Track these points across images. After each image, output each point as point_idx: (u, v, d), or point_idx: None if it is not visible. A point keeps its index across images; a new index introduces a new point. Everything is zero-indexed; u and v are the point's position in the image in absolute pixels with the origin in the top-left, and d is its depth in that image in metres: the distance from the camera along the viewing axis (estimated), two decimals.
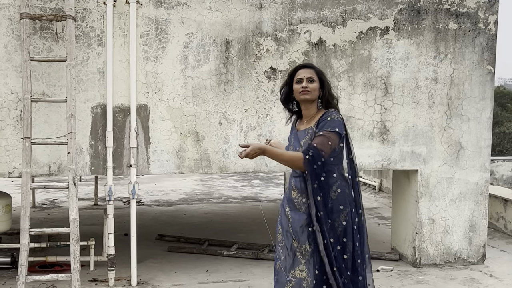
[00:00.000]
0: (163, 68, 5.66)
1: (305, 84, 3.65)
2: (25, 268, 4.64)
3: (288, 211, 3.71)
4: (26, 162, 4.93)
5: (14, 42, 5.33)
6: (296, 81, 3.70)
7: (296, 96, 3.73)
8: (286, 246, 3.69)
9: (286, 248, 3.69)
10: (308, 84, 3.66)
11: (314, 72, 3.72)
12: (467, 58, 6.35)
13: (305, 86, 3.65)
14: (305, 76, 3.68)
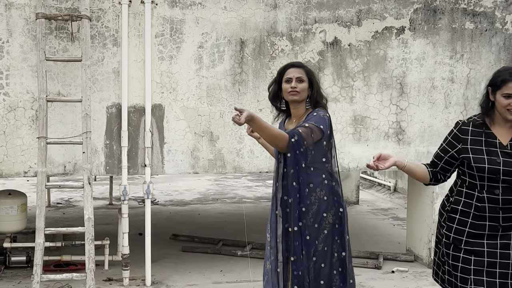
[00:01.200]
0: (177, 68, 5.66)
1: (294, 84, 3.61)
2: (40, 267, 4.66)
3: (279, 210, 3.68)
4: (42, 162, 4.95)
5: (30, 42, 5.35)
6: (285, 80, 3.65)
7: (284, 96, 3.68)
8: (271, 245, 3.67)
9: (274, 248, 3.67)
10: (297, 84, 3.62)
11: (304, 72, 3.68)
12: (484, 58, 6.29)
13: (294, 87, 3.61)
14: (294, 76, 3.63)
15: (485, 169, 3.29)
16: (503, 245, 3.33)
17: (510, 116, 3.31)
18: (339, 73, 6.00)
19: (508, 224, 3.32)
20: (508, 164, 3.28)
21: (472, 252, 3.35)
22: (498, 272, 3.33)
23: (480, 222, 3.33)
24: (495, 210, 3.31)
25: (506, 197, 3.29)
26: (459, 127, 3.44)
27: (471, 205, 3.35)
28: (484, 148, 3.34)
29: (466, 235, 3.38)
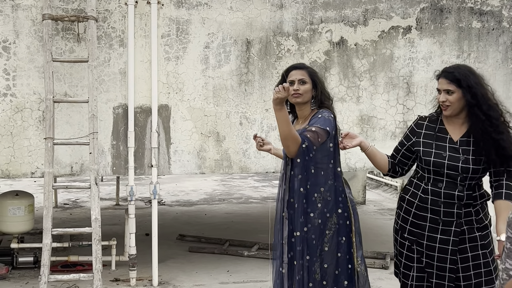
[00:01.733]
0: (184, 69, 5.66)
1: (296, 86, 3.59)
2: (47, 267, 4.67)
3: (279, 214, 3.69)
4: (49, 162, 4.96)
5: (37, 43, 5.36)
6: (288, 83, 3.58)
7: (289, 98, 3.64)
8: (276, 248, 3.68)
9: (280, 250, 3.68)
10: (299, 87, 3.60)
11: (306, 73, 3.66)
12: (491, 57, 6.27)
13: (296, 89, 3.59)
14: (296, 78, 3.62)
15: (431, 162, 3.42)
16: (443, 240, 3.41)
17: (444, 111, 3.43)
18: (346, 73, 5.99)
19: (449, 219, 3.39)
20: (453, 159, 3.38)
21: (414, 241, 3.50)
22: (435, 265, 3.44)
23: (422, 213, 3.45)
24: (437, 203, 3.41)
25: (448, 191, 3.38)
26: (416, 122, 3.61)
27: (417, 195, 3.49)
28: (434, 142, 3.46)
29: (410, 224, 3.51)
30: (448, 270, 3.42)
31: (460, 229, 3.40)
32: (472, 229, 3.43)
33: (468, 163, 3.38)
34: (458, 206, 3.39)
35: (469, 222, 3.42)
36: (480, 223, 3.46)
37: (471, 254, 3.43)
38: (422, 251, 3.48)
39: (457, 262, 3.42)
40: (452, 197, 3.39)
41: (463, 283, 3.43)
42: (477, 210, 3.45)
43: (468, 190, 3.40)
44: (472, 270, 3.43)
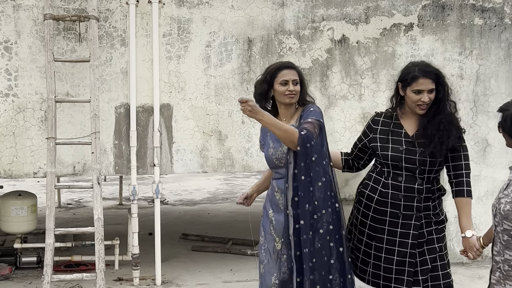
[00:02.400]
0: (185, 68, 5.66)
1: (292, 87, 3.55)
2: (50, 267, 4.67)
3: (272, 213, 3.68)
4: (51, 162, 4.96)
5: (38, 43, 5.37)
6: (280, 82, 3.55)
7: (279, 98, 3.59)
8: (268, 249, 3.67)
9: (269, 251, 3.66)
10: (294, 88, 3.56)
11: (297, 74, 3.62)
12: (493, 54, 6.25)
13: (292, 90, 3.54)
14: (291, 79, 3.56)
15: (389, 157, 3.46)
16: (403, 234, 3.44)
17: (420, 111, 3.45)
18: (348, 70, 5.97)
19: (409, 213, 3.43)
20: (410, 152, 3.43)
21: (373, 237, 3.52)
22: (395, 259, 3.45)
23: (382, 208, 3.47)
24: (397, 197, 3.43)
25: (408, 185, 3.42)
26: (373, 118, 3.68)
27: (376, 190, 3.51)
28: (390, 138, 3.52)
29: (370, 219, 3.53)
30: (408, 264, 3.43)
31: (420, 223, 3.44)
32: (430, 223, 3.47)
33: (425, 156, 3.42)
34: (418, 199, 3.43)
35: (427, 216, 3.46)
36: (437, 218, 3.51)
37: (427, 248, 3.46)
38: (382, 247, 3.49)
39: (416, 256, 3.44)
40: (412, 191, 3.42)
41: (421, 277, 3.44)
42: (434, 205, 3.50)
43: (427, 184, 3.45)
44: (430, 264, 3.45)
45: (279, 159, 3.61)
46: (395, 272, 3.45)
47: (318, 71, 5.90)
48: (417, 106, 3.43)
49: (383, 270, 3.49)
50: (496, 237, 2.93)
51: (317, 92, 5.91)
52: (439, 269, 3.48)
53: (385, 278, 3.49)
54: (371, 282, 3.58)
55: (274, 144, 3.64)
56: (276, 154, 3.61)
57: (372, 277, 3.55)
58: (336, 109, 5.98)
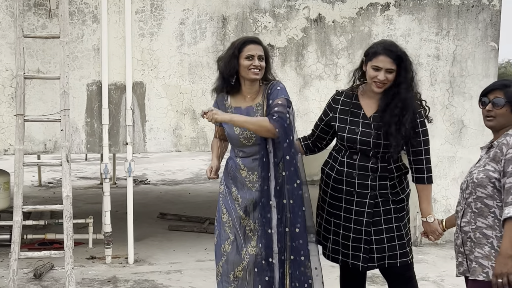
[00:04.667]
0: (159, 45, 5.60)
1: (258, 63, 3.51)
2: (18, 244, 4.64)
3: (235, 191, 3.64)
4: (19, 139, 4.91)
5: (8, 19, 5.29)
6: (245, 57, 3.51)
7: (243, 73, 3.54)
8: (234, 225, 3.65)
9: (235, 228, 3.65)
10: (259, 63, 3.52)
11: (263, 50, 3.58)
12: (470, 35, 6.22)
13: (257, 65, 3.50)
14: (256, 54, 3.52)
15: (344, 138, 3.46)
16: (358, 212, 3.45)
17: (376, 89, 3.42)
18: (323, 50, 5.94)
19: (363, 191, 3.43)
20: (365, 134, 3.42)
21: (332, 214, 3.54)
22: (351, 236, 3.47)
23: (339, 186, 3.48)
24: (352, 175, 3.44)
25: (362, 163, 3.42)
26: (333, 97, 3.63)
27: (334, 168, 3.52)
28: (348, 118, 3.49)
29: (329, 196, 3.55)
30: (364, 242, 3.44)
31: (374, 201, 3.43)
32: (387, 201, 3.45)
33: (379, 139, 3.40)
34: (372, 178, 3.42)
35: (384, 195, 3.44)
36: (396, 197, 3.48)
37: (385, 227, 3.45)
38: (340, 223, 3.50)
39: (371, 233, 3.44)
40: (366, 169, 3.42)
41: (376, 255, 3.46)
42: (393, 184, 3.46)
43: (382, 163, 3.43)
44: (386, 243, 3.45)
45: (247, 139, 3.57)
46: (352, 248, 3.47)
47: (293, 50, 5.86)
48: (373, 82, 3.39)
49: (341, 246, 3.51)
50: (466, 210, 2.96)
51: (292, 72, 5.87)
52: (397, 248, 3.47)
53: (343, 254, 3.52)
54: (331, 257, 3.60)
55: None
56: (244, 134, 3.57)
57: (331, 253, 3.58)
58: (312, 89, 5.95)
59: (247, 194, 3.61)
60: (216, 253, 3.76)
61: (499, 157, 2.85)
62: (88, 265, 5.66)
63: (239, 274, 3.67)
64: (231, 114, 3.49)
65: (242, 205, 3.63)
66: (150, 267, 5.63)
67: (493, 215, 2.85)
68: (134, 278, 5.29)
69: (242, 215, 3.63)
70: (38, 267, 5.30)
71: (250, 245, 3.63)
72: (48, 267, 5.41)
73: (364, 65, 3.46)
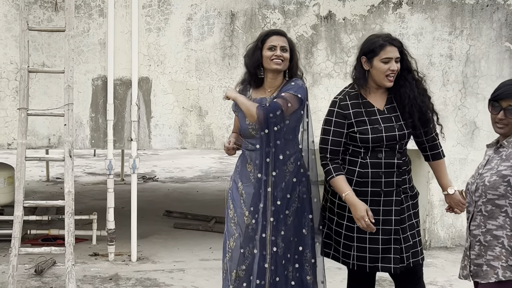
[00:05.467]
0: (165, 40, 5.52)
1: (279, 53, 3.47)
2: (18, 240, 4.58)
3: (241, 185, 3.59)
4: (22, 134, 4.85)
5: (14, 12, 5.23)
6: (268, 48, 3.49)
7: (266, 64, 3.52)
8: (239, 222, 3.58)
9: (239, 225, 3.57)
10: (282, 53, 3.48)
11: (287, 41, 3.56)
12: (484, 35, 6.08)
13: (279, 55, 3.47)
14: (279, 44, 3.50)
15: (369, 140, 3.29)
16: (385, 211, 3.32)
17: (389, 83, 3.31)
18: (333, 48, 5.83)
19: (390, 189, 3.31)
20: (389, 129, 3.30)
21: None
22: (380, 238, 3.32)
23: (362, 189, 3.31)
24: (378, 174, 3.30)
25: (388, 160, 3.30)
26: (339, 105, 3.37)
27: (354, 172, 3.33)
28: (366, 118, 3.32)
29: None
30: (393, 242, 3.32)
31: (400, 198, 3.33)
32: (407, 197, 3.38)
33: (403, 129, 3.33)
34: (397, 174, 3.32)
35: (405, 190, 3.37)
36: (412, 191, 3.43)
37: (409, 223, 3.37)
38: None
39: (400, 232, 3.33)
40: (392, 166, 3.31)
41: (405, 254, 3.34)
42: (409, 178, 3.42)
43: (403, 156, 3.37)
44: (411, 240, 3.37)
45: (255, 129, 3.53)
46: (382, 251, 3.31)
47: (302, 47, 5.75)
48: (385, 77, 3.28)
49: (368, 251, 3.33)
50: (475, 213, 2.88)
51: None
52: (418, 245, 3.40)
53: (372, 260, 3.33)
54: (356, 266, 3.38)
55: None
56: (253, 124, 3.52)
57: (357, 261, 3.37)
58: (321, 87, 5.84)
59: (250, 190, 3.56)
60: (223, 251, 3.71)
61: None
62: (91, 262, 5.60)
63: (241, 274, 3.59)
64: (237, 93, 3.52)
65: (247, 201, 3.56)
66: (153, 265, 5.55)
67: (504, 214, 2.77)
68: (136, 276, 5.22)
69: (246, 212, 3.56)
70: (40, 263, 5.25)
71: (252, 244, 3.56)
72: (50, 263, 5.35)
73: (367, 64, 3.34)
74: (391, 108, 3.36)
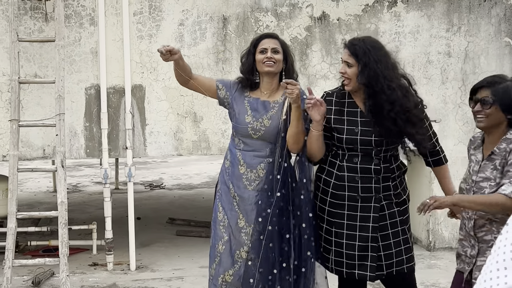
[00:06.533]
0: (158, 47, 5.46)
1: (270, 54, 3.43)
2: (11, 252, 4.57)
3: (233, 188, 3.52)
4: (14, 145, 4.84)
5: (4, 23, 5.23)
6: (259, 51, 3.47)
7: (259, 67, 3.49)
8: (230, 225, 3.51)
9: (230, 227, 3.51)
10: (273, 55, 3.44)
11: (279, 43, 3.53)
12: (483, 30, 5.98)
13: (269, 57, 3.43)
14: (269, 47, 3.47)
15: (343, 140, 3.24)
16: (363, 218, 3.24)
17: (345, 86, 3.28)
18: (328, 49, 5.76)
19: (367, 195, 3.23)
20: (365, 133, 3.22)
21: (333, 223, 3.30)
22: (357, 245, 3.24)
23: (340, 192, 3.26)
24: (354, 179, 3.23)
25: (364, 165, 3.22)
26: (324, 99, 3.35)
27: (332, 174, 3.28)
28: (345, 118, 3.27)
29: (328, 204, 3.31)
30: (371, 249, 3.24)
31: (380, 205, 3.25)
32: (391, 204, 3.29)
33: (381, 136, 3.23)
34: (375, 180, 3.23)
35: (387, 197, 3.28)
36: (398, 198, 3.32)
37: (392, 231, 3.28)
38: (342, 233, 3.28)
39: (379, 240, 3.25)
40: (369, 171, 3.23)
41: (384, 262, 3.26)
42: (395, 185, 3.31)
43: (384, 163, 3.27)
44: (394, 248, 3.28)
45: (255, 130, 3.48)
46: (358, 258, 3.25)
47: (297, 49, 5.69)
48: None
49: (345, 257, 3.28)
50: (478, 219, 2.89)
51: None
52: (403, 253, 3.30)
53: (348, 265, 3.28)
54: (334, 270, 3.36)
55: (253, 113, 3.51)
56: (254, 124, 3.47)
57: (335, 265, 3.34)
58: (317, 89, 5.74)
59: (245, 193, 3.50)
60: (210, 255, 3.66)
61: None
62: (90, 272, 5.57)
63: (228, 279, 3.54)
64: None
65: (241, 205, 3.51)
66: (152, 274, 5.51)
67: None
68: (134, 286, 5.18)
69: (240, 215, 3.51)
70: (38, 274, 5.22)
71: (243, 248, 3.51)
72: (48, 274, 5.32)
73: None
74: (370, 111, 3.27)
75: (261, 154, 3.48)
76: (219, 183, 3.67)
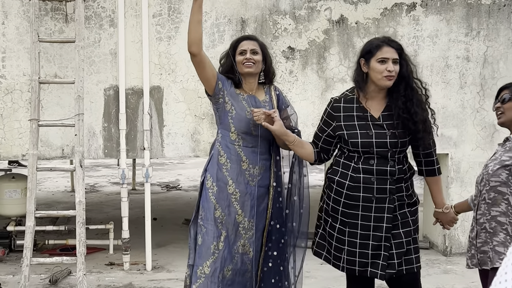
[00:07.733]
0: (176, 49, 5.52)
1: (249, 55, 3.52)
2: (30, 250, 4.62)
3: (234, 184, 3.53)
4: (33, 144, 4.90)
5: (26, 24, 5.30)
6: (239, 53, 3.57)
7: (239, 68, 3.58)
8: (228, 221, 3.54)
9: (229, 223, 3.55)
10: (252, 56, 3.53)
11: (258, 44, 3.62)
12: (502, 35, 5.94)
13: (249, 58, 3.52)
14: (249, 48, 3.55)
15: (359, 144, 3.26)
16: (377, 218, 3.27)
17: (387, 82, 3.23)
18: (346, 52, 5.76)
19: (382, 196, 3.25)
20: (380, 136, 3.25)
21: (347, 223, 3.33)
22: (371, 244, 3.28)
23: (354, 193, 3.28)
24: (370, 180, 3.25)
25: (380, 167, 3.25)
26: (332, 105, 3.39)
27: (347, 175, 3.31)
28: (356, 123, 3.30)
29: (342, 205, 3.33)
30: (383, 248, 3.26)
31: (393, 205, 3.27)
32: (403, 205, 3.32)
33: (395, 138, 3.25)
34: (390, 181, 3.26)
35: (400, 198, 3.31)
36: (410, 199, 3.36)
37: (403, 231, 3.30)
38: (356, 233, 3.30)
39: (391, 239, 3.27)
40: (385, 173, 3.25)
41: (396, 261, 3.28)
42: (407, 186, 3.35)
43: (398, 165, 3.30)
44: (405, 247, 3.30)
45: (255, 126, 3.54)
46: (371, 256, 3.29)
47: (315, 52, 5.70)
48: (383, 78, 3.21)
49: (358, 256, 3.31)
50: (479, 202, 3.05)
51: (314, 75, 5.71)
52: (413, 252, 3.33)
53: (361, 264, 3.31)
54: (346, 269, 3.39)
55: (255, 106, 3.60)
56: (255, 121, 3.50)
57: (347, 264, 3.36)
58: (334, 93, 5.75)
59: (247, 189, 3.55)
60: (202, 253, 3.56)
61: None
62: (106, 272, 5.61)
63: (227, 274, 3.57)
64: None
65: (240, 200, 3.55)
66: (168, 274, 5.54)
67: (506, 202, 2.91)
68: (150, 286, 5.21)
69: (239, 210, 3.56)
70: (55, 273, 5.27)
71: (240, 242, 3.60)
72: (65, 273, 5.37)
73: (365, 66, 3.29)
74: (388, 116, 3.29)
75: (261, 150, 3.58)
76: (211, 180, 3.60)
